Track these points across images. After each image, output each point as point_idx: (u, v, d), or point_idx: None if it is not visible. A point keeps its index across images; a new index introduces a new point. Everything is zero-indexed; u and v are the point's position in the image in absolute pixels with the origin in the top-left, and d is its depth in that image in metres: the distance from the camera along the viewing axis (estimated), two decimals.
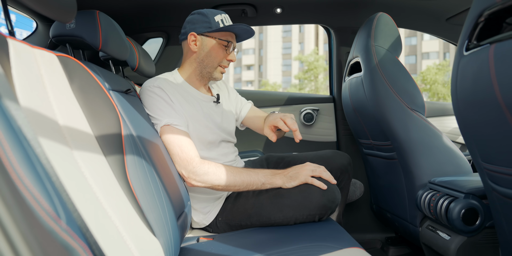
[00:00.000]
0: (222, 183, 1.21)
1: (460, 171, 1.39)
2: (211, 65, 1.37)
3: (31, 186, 0.35)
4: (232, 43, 1.36)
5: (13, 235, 0.30)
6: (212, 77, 1.39)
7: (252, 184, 1.24)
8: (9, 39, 0.61)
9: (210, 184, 1.21)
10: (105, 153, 0.78)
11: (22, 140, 0.38)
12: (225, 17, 1.36)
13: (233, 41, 1.37)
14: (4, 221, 0.30)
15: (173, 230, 0.94)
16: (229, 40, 1.35)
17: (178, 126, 1.25)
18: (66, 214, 0.40)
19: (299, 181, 1.24)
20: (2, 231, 0.30)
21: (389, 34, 1.50)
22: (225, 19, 1.35)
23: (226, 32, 1.35)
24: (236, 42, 1.40)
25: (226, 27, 1.32)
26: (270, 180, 1.26)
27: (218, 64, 1.37)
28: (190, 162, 1.21)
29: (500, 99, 0.76)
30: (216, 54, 1.35)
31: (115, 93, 0.99)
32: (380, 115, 1.45)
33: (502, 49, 0.74)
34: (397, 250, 1.87)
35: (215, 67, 1.37)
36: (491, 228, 1.16)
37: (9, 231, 0.30)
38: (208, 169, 1.21)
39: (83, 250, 0.39)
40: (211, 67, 1.37)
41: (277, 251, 0.99)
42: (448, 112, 2.20)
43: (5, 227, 0.30)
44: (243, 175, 1.24)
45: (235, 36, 1.38)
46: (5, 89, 0.39)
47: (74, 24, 1.06)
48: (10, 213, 0.31)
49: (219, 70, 1.39)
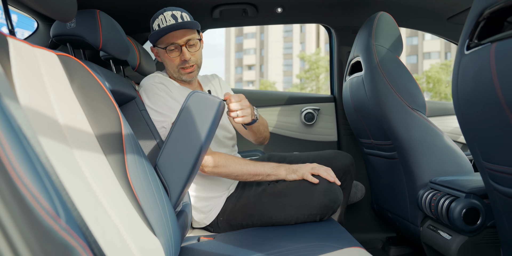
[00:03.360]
0: (232, 173, 1.29)
1: (461, 171, 1.38)
2: (173, 70, 1.36)
3: (31, 185, 0.35)
4: (175, 45, 1.30)
5: (12, 234, 0.30)
6: (183, 79, 1.38)
7: (259, 174, 1.30)
8: (9, 38, 0.61)
9: (221, 174, 1.29)
10: (105, 152, 0.78)
11: (21, 139, 0.38)
12: (162, 19, 1.29)
13: (177, 40, 1.29)
14: (3, 220, 0.30)
15: (174, 230, 0.94)
16: (170, 42, 1.29)
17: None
18: (65, 213, 0.40)
19: (298, 175, 1.28)
20: (1, 230, 0.30)
21: (390, 34, 1.50)
22: (162, 21, 1.29)
23: (166, 36, 1.29)
24: (184, 37, 1.29)
25: (158, 33, 1.27)
26: (275, 172, 1.30)
27: (178, 67, 1.34)
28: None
29: (501, 98, 0.76)
30: (169, 61, 1.34)
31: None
32: (381, 114, 1.45)
33: (503, 48, 0.74)
34: (398, 250, 1.87)
35: (177, 72, 1.36)
36: (492, 227, 1.16)
37: (8, 230, 0.30)
38: (219, 161, 1.27)
39: (83, 249, 0.39)
40: (175, 72, 1.36)
41: (278, 250, 0.99)
42: (449, 112, 2.20)
43: (4, 226, 0.30)
44: (250, 166, 1.30)
45: (176, 33, 1.29)
46: (5, 88, 0.39)
47: (75, 23, 1.06)
48: (10, 212, 0.30)
49: (183, 73, 1.35)
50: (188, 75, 1.36)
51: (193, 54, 1.34)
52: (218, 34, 79.44)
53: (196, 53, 1.35)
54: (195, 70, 1.37)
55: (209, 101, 1.11)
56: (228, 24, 2.07)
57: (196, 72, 1.39)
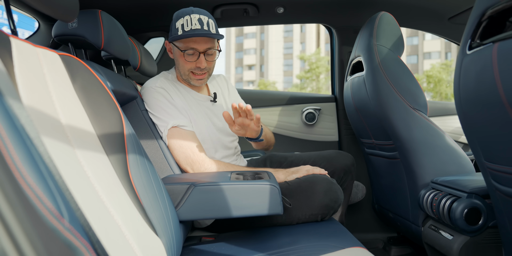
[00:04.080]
0: None
1: (462, 171, 1.38)
2: (183, 72, 1.35)
3: (34, 185, 0.35)
4: (194, 50, 1.28)
5: (16, 233, 0.30)
6: (191, 83, 1.37)
7: None
8: (12, 38, 0.61)
9: None
10: (107, 152, 0.78)
11: (25, 139, 0.38)
12: (187, 20, 1.25)
13: (197, 46, 1.28)
14: (7, 220, 0.30)
15: (175, 230, 0.94)
16: (190, 47, 1.28)
17: (185, 127, 1.26)
18: (69, 212, 0.40)
19: (300, 174, 1.30)
20: (5, 230, 0.30)
21: (391, 34, 1.50)
22: (187, 23, 1.25)
23: (189, 38, 1.27)
24: (206, 45, 1.29)
25: (181, 35, 1.25)
26: (274, 176, 1.30)
27: (189, 71, 1.33)
28: (202, 164, 1.25)
29: (503, 98, 0.76)
30: (182, 62, 1.33)
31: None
32: (382, 114, 1.45)
33: (506, 48, 0.74)
34: (399, 249, 1.87)
35: (187, 74, 1.35)
36: (494, 228, 1.16)
37: (13, 230, 0.30)
38: (219, 169, 1.28)
39: (86, 249, 0.39)
40: (184, 74, 1.35)
41: (280, 250, 0.99)
42: (450, 112, 2.20)
43: (8, 225, 0.30)
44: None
45: (199, 39, 1.28)
46: (8, 88, 0.39)
47: (76, 23, 1.06)
48: (14, 211, 0.30)
49: (192, 78, 1.34)
50: (198, 81, 1.36)
51: (209, 63, 1.34)
52: None
53: (212, 62, 1.35)
54: (205, 78, 1.37)
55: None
56: (229, 24, 2.07)
57: (206, 79, 1.38)
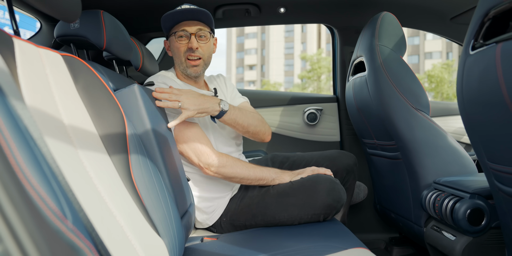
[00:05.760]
0: (237, 175, 1.29)
1: (465, 171, 1.38)
2: (180, 61, 1.34)
3: (38, 186, 0.35)
4: (184, 31, 1.30)
5: (20, 235, 0.30)
6: (187, 74, 1.36)
7: (264, 178, 1.32)
8: (15, 38, 0.61)
9: (226, 176, 1.29)
10: (109, 152, 0.78)
11: (28, 139, 0.38)
12: (178, 9, 1.30)
13: (187, 28, 1.30)
14: (11, 221, 0.30)
15: (178, 230, 0.94)
16: (181, 29, 1.30)
17: (191, 120, 1.27)
18: (72, 213, 0.40)
19: (305, 174, 1.32)
20: (9, 231, 0.29)
21: (393, 34, 1.49)
22: (175, 11, 1.29)
23: (178, 24, 1.30)
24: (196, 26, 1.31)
25: (164, 18, 1.28)
26: (280, 177, 1.33)
27: (185, 58, 1.33)
28: (210, 155, 1.26)
29: (507, 98, 0.76)
30: (177, 49, 1.33)
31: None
32: (384, 114, 1.45)
33: (509, 48, 0.73)
34: (401, 250, 1.86)
35: (183, 62, 1.34)
36: (497, 228, 1.16)
37: (17, 231, 0.30)
38: (226, 162, 1.27)
39: (89, 250, 0.39)
40: (181, 63, 1.34)
41: (282, 251, 0.99)
42: (452, 112, 2.19)
43: (12, 226, 0.30)
44: (257, 170, 1.31)
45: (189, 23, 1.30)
46: (11, 88, 0.39)
47: (78, 24, 1.07)
48: (18, 213, 0.30)
49: (188, 65, 1.34)
50: (193, 68, 1.33)
51: (201, 46, 1.32)
52: (219, 34, 79.34)
53: (204, 46, 1.33)
54: (200, 65, 1.34)
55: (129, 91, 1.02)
56: (231, 24, 2.07)
57: (202, 68, 1.36)
